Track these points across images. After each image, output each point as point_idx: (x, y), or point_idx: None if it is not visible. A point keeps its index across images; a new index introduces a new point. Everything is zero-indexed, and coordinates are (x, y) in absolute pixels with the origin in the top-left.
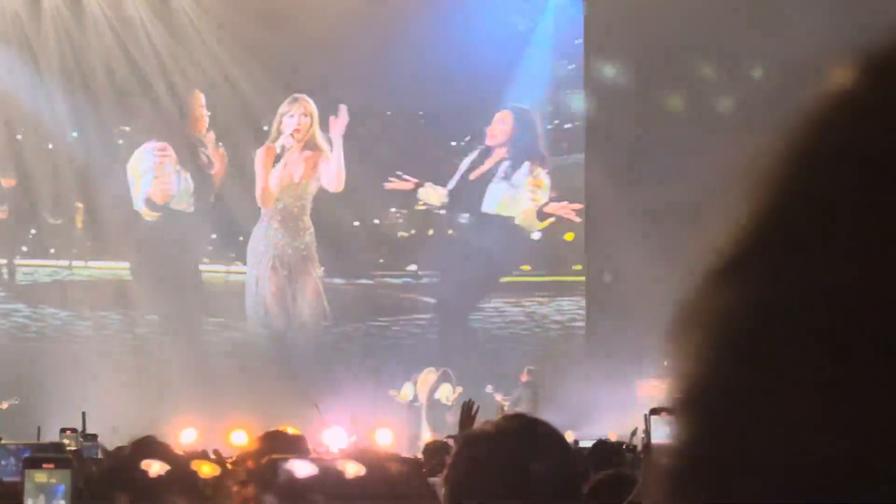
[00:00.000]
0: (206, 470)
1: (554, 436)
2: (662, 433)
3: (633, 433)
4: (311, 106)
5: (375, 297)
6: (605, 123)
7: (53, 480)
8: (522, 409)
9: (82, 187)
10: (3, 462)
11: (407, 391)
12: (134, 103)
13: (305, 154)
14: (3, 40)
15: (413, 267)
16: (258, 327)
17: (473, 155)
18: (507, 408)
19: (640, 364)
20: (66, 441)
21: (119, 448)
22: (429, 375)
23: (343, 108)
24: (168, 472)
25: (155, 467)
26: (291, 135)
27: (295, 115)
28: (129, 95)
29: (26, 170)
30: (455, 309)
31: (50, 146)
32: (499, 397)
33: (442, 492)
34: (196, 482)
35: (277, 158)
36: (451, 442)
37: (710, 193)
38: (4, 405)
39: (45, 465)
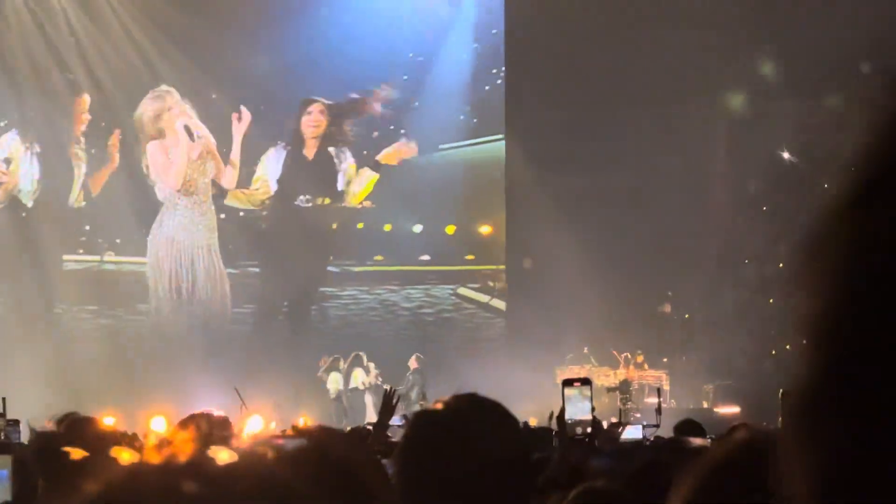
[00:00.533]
0: (126, 457)
1: (505, 415)
2: (576, 408)
3: (550, 417)
4: (174, 97)
5: (242, 286)
6: (526, 107)
7: None
8: (414, 394)
9: None
10: None
11: (335, 382)
12: (18, 96)
13: (197, 144)
14: None
15: (266, 257)
16: (161, 315)
17: (274, 149)
18: (398, 393)
19: (558, 351)
20: None
21: (43, 432)
22: (339, 363)
23: (245, 111)
24: (86, 459)
25: (75, 454)
26: (185, 128)
27: (174, 107)
28: (15, 87)
29: None
30: (309, 299)
31: None
32: (387, 386)
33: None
34: (114, 468)
35: (169, 150)
36: (370, 428)
37: (626, 180)
38: None
39: None
